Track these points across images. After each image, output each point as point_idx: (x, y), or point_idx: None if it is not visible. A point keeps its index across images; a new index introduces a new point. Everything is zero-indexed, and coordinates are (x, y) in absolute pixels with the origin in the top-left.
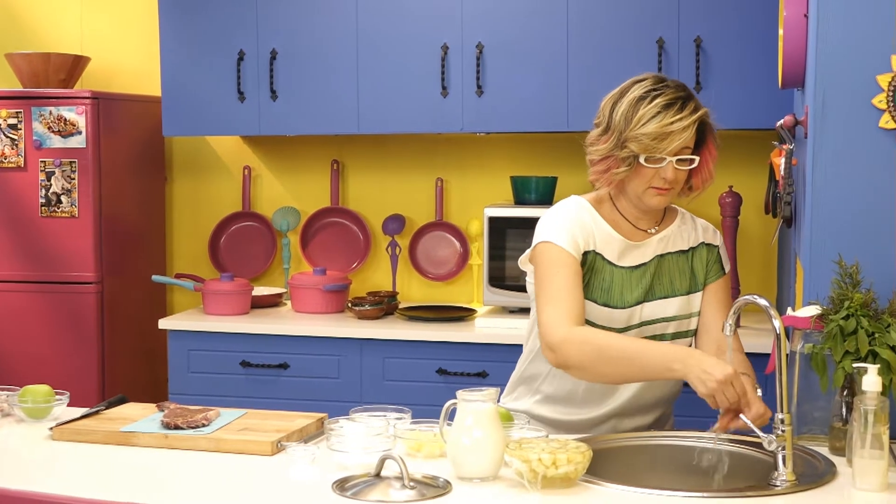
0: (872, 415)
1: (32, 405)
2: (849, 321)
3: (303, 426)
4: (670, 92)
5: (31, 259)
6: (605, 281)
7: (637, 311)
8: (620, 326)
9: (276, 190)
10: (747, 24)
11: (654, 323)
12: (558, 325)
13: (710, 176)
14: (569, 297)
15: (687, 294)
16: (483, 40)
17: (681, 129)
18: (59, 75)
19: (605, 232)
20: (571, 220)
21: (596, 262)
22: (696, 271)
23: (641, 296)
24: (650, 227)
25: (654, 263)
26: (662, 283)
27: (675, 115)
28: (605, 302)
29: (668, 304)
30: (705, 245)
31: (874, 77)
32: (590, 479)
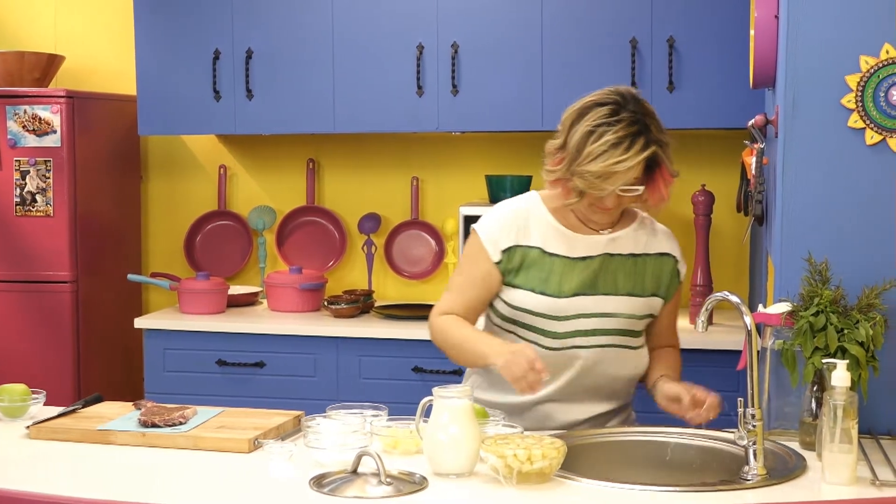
0: (841, 410)
1: (9, 404)
2: (818, 318)
3: (280, 424)
4: (622, 128)
5: (5, 258)
6: (542, 271)
7: (575, 302)
8: (557, 315)
9: (252, 189)
10: (719, 25)
11: (593, 317)
12: (435, 312)
13: (664, 198)
14: (462, 291)
15: (629, 295)
16: (458, 40)
17: (625, 170)
18: (34, 74)
19: (549, 225)
20: (507, 217)
21: (529, 255)
22: (648, 278)
23: (580, 287)
24: (602, 228)
25: (600, 259)
26: (607, 280)
27: (620, 155)
28: (542, 290)
29: (609, 301)
30: (663, 255)
31: (843, 77)
32: (564, 475)
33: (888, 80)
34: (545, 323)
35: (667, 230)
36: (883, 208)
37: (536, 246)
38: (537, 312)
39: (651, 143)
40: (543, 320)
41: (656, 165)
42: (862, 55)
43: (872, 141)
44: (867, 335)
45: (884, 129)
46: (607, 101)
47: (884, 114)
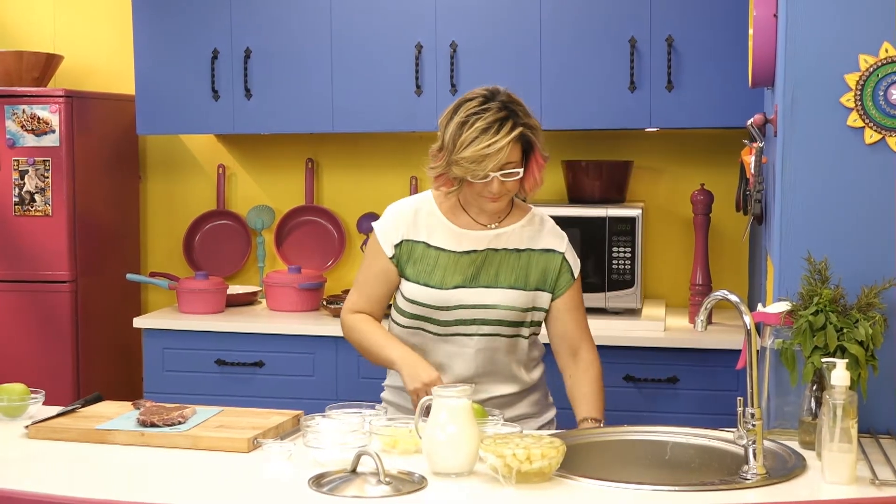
0: (841, 409)
1: (8, 404)
2: (818, 317)
3: (279, 423)
4: (490, 115)
5: (4, 258)
6: (428, 265)
7: (456, 294)
8: (440, 305)
9: (251, 188)
10: (718, 24)
11: (473, 308)
12: (345, 309)
13: (538, 183)
14: (364, 287)
15: (510, 288)
16: (457, 39)
17: (495, 151)
18: (33, 74)
19: (439, 221)
20: (397, 214)
21: (416, 249)
22: (532, 272)
23: (462, 281)
24: (490, 222)
25: (483, 254)
26: (488, 273)
27: (490, 138)
28: (426, 283)
29: (489, 294)
30: (548, 251)
31: (842, 76)
32: (564, 474)
33: (887, 79)
34: (430, 312)
35: (556, 228)
36: (882, 207)
37: (422, 240)
38: (422, 303)
39: (518, 126)
40: (428, 310)
41: (530, 150)
42: (861, 54)
43: (872, 140)
44: (867, 334)
45: (883, 127)
46: (475, 95)
47: (883, 113)
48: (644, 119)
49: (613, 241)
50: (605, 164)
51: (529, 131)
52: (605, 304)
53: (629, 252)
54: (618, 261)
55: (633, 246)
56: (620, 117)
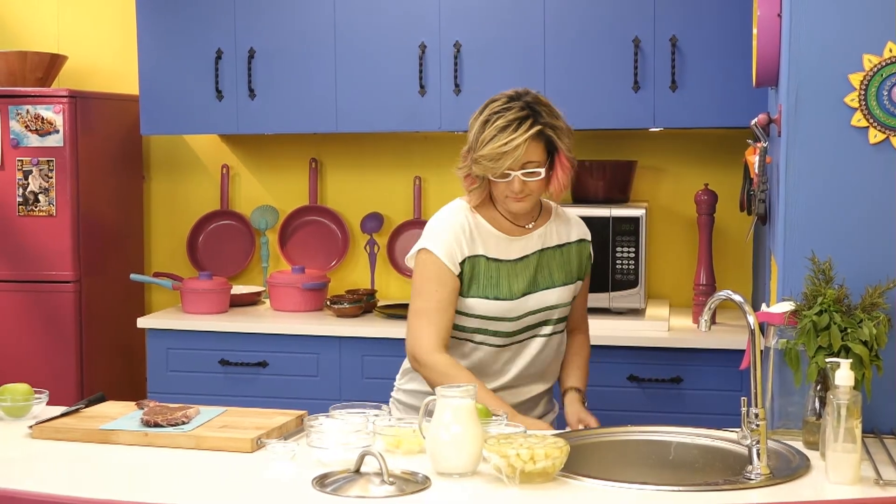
0: (845, 409)
1: (11, 404)
2: (822, 317)
3: (282, 423)
4: (511, 113)
5: (8, 258)
6: (492, 277)
7: (524, 301)
8: (512, 316)
9: (255, 188)
10: (722, 24)
11: (539, 312)
12: (427, 346)
13: (564, 186)
14: (439, 316)
15: (564, 285)
16: (460, 39)
17: (512, 148)
18: (36, 74)
19: (486, 231)
20: (453, 229)
21: (479, 263)
22: (573, 264)
23: (527, 286)
24: (527, 223)
25: (535, 256)
26: (544, 275)
27: (508, 136)
28: (496, 296)
29: (550, 295)
30: (580, 241)
31: (846, 76)
32: (567, 474)
33: (891, 79)
34: (498, 325)
35: (577, 217)
36: (886, 207)
37: (481, 254)
38: (490, 317)
39: (538, 124)
40: (497, 322)
41: (555, 151)
42: (865, 54)
43: (876, 140)
44: (871, 334)
45: (887, 127)
46: (501, 96)
47: (887, 112)
48: (648, 119)
49: (617, 241)
50: (608, 164)
51: (552, 131)
52: (608, 304)
53: (633, 252)
54: (622, 261)
55: (636, 246)
56: (624, 117)
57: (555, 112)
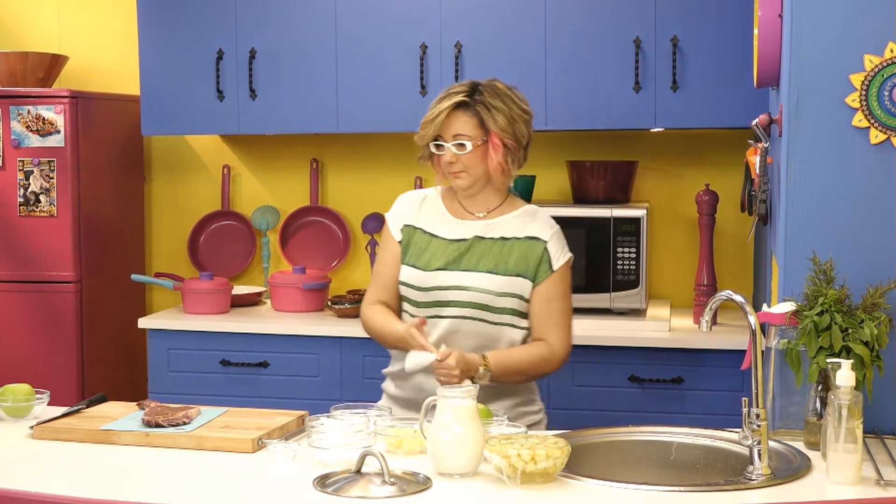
0: (846, 409)
1: (12, 404)
2: (823, 317)
3: (283, 424)
4: (453, 89)
5: (9, 258)
6: (420, 248)
7: (436, 275)
8: (419, 286)
9: (256, 189)
10: (723, 24)
11: (447, 290)
12: (363, 304)
13: (499, 166)
14: (377, 276)
15: (488, 273)
16: (462, 39)
17: (433, 116)
18: (37, 74)
19: (435, 209)
20: (407, 200)
21: (416, 234)
22: (511, 259)
23: (444, 264)
24: (479, 212)
25: (470, 242)
26: (470, 259)
27: (437, 107)
28: (414, 264)
29: (466, 276)
30: (532, 239)
31: (847, 76)
32: (568, 475)
33: (893, 79)
34: (410, 293)
35: (548, 220)
36: (887, 207)
37: (421, 227)
38: (406, 283)
39: (468, 98)
40: (409, 290)
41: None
42: (866, 54)
43: (877, 140)
44: (872, 335)
45: (888, 128)
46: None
47: (888, 113)
48: (649, 119)
49: (618, 241)
50: (609, 165)
51: (483, 108)
52: (609, 305)
53: (634, 252)
54: (623, 261)
55: (637, 246)
56: (625, 117)
57: (501, 94)
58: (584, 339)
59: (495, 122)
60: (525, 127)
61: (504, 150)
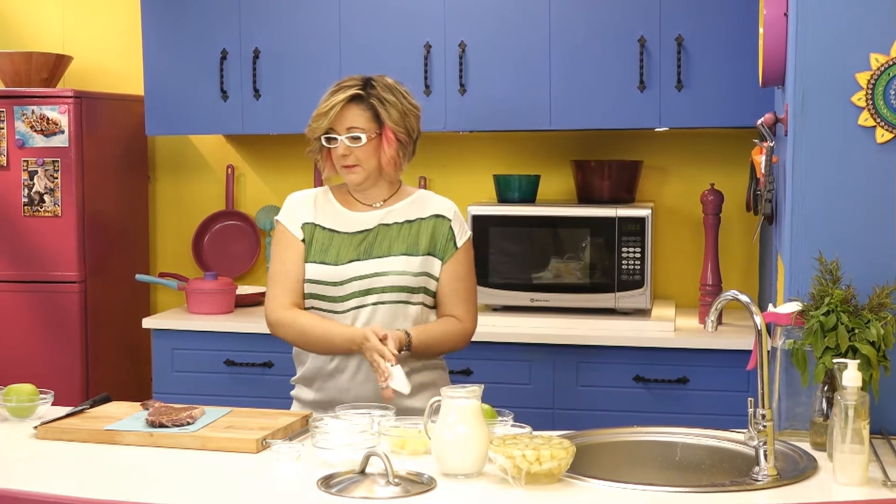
0: (853, 410)
1: (16, 404)
2: (829, 317)
3: (287, 424)
4: (345, 83)
5: (14, 258)
6: (323, 245)
7: (349, 267)
8: (335, 281)
9: (260, 189)
10: (728, 23)
11: (365, 278)
12: (273, 307)
13: (391, 159)
14: (285, 278)
15: (402, 255)
16: (466, 39)
17: (328, 107)
18: (42, 74)
19: (330, 205)
20: (298, 199)
21: (316, 231)
22: (421, 239)
23: (356, 255)
24: (375, 202)
25: (375, 231)
26: (381, 246)
27: (330, 99)
28: (322, 260)
29: (381, 262)
30: (437, 217)
31: (853, 75)
32: (573, 475)
33: None
34: (325, 289)
35: (445, 200)
36: (893, 207)
37: (319, 223)
38: (318, 280)
39: (360, 92)
40: (324, 287)
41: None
42: (872, 53)
43: (883, 139)
44: (878, 335)
45: (894, 126)
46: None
47: (894, 112)
48: (654, 119)
49: (623, 241)
50: (614, 164)
51: (377, 101)
52: (614, 305)
53: (639, 252)
54: (627, 261)
55: (642, 246)
56: (630, 117)
57: (392, 89)
58: (589, 339)
59: (389, 116)
60: (416, 122)
61: (397, 143)
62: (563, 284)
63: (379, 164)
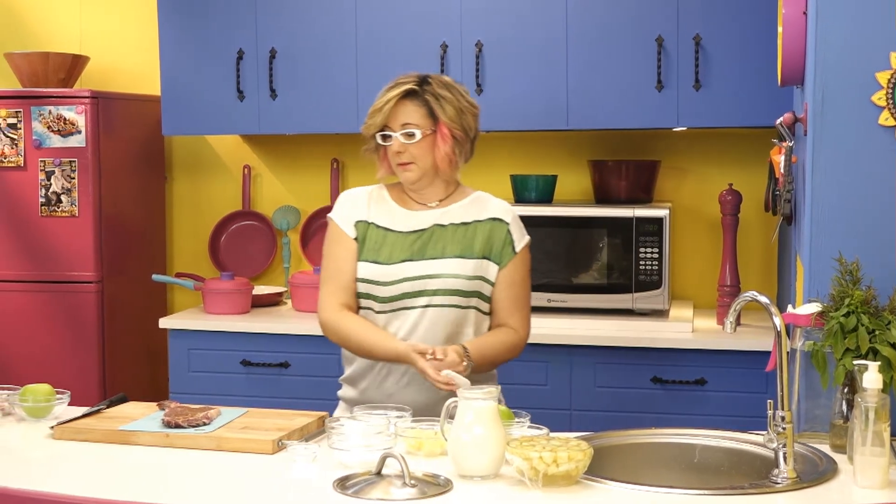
0: (873, 412)
1: (33, 404)
2: (849, 318)
3: (304, 425)
4: (401, 79)
5: (31, 259)
6: (377, 243)
7: (401, 267)
8: (384, 280)
9: (276, 189)
10: (746, 22)
11: (417, 279)
12: (323, 308)
13: (447, 156)
14: (336, 277)
15: (456, 258)
16: (482, 39)
17: (383, 103)
18: (59, 75)
19: (385, 203)
20: (352, 197)
21: (370, 230)
22: (477, 241)
23: (409, 255)
24: (431, 201)
25: (430, 231)
26: (435, 247)
27: (384, 96)
28: (374, 259)
29: (434, 264)
30: (494, 220)
31: (873, 74)
32: (591, 477)
33: None
34: (375, 289)
35: (503, 203)
36: None
37: (373, 222)
38: (369, 280)
39: (415, 88)
40: (374, 286)
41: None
42: (893, 52)
43: None
44: None
45: None
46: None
47: None
48: (671, 118)
49: (640, 241)
50: (632, 164)
51: (432, 98)
52: (632, 306)
53: (656, 253)
54: (645, 262)
55: (660, 246)
56: (647, 117)
57: (449, 86)
58: (607, 339)
59: (444, 112)
60: (473, 120)
61: (453, 140)
62: (581, 285)
63: (434, 162)
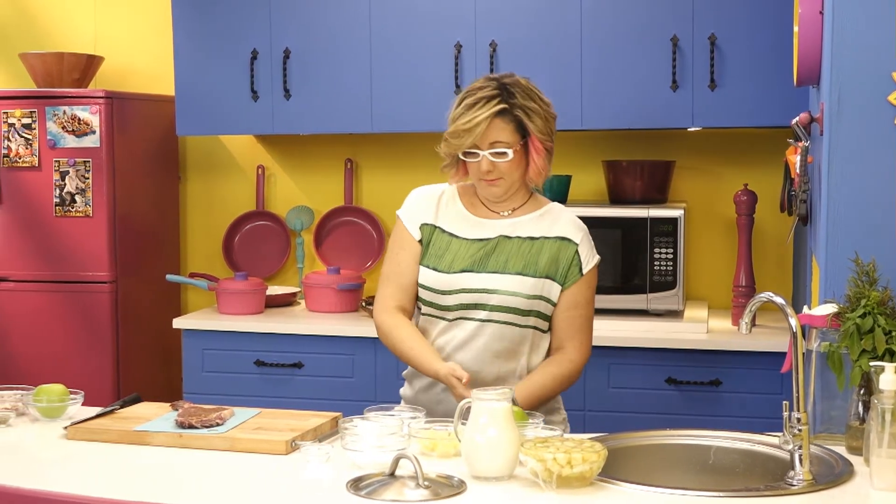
0: (890, 413)
1: (47, 404)
2: (865, 319)
3: (317, 425)
4: (482, 92)
5: (45, 259)
6: (440, 249)
7: (460, 277)
8: (444, 290)
9: (290, 189)
10: (762, 22)
11: (475, 292)
12: (378, 308)
13: (541, 170)
14: (395, 279)
15: (518, 274)
16: (496, 39)
17: (474, 125)
18: (73, 75)
19: (455, 208)
20: (423, 196)
21: (435, 234)
22: (542, 259)
23: (469, 265)
24: (504, 210)
25: (495, 241)
26: (498, 260)
27: (472, 113)
28: (435, 266)
29: (495, 279)
30: (562, 239)
31: (890, 74)
32: (605, 479)
33: None
34: (434, 297)
35: (576, 220)
36: None
37: (440, 226)
38: (428, 287)
39: (505, 104)
40: (433, 294)
41: (528, 133)
42: None
43: None
44: None
45: None
46: (483, 78)
47: None
48: (686, 118)
49: (655, 241)
50: (646, 164)
51: (521, 112)
52: (646, 306)
53: (671, 253)
54: (659, 262)
55: (675, 247)
56: (662, 117)
57: (532, 95)
58: (621, 340)
59: (535, 126)
60: (555, 125)
61: (545, 152)
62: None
63: (522, 175)
